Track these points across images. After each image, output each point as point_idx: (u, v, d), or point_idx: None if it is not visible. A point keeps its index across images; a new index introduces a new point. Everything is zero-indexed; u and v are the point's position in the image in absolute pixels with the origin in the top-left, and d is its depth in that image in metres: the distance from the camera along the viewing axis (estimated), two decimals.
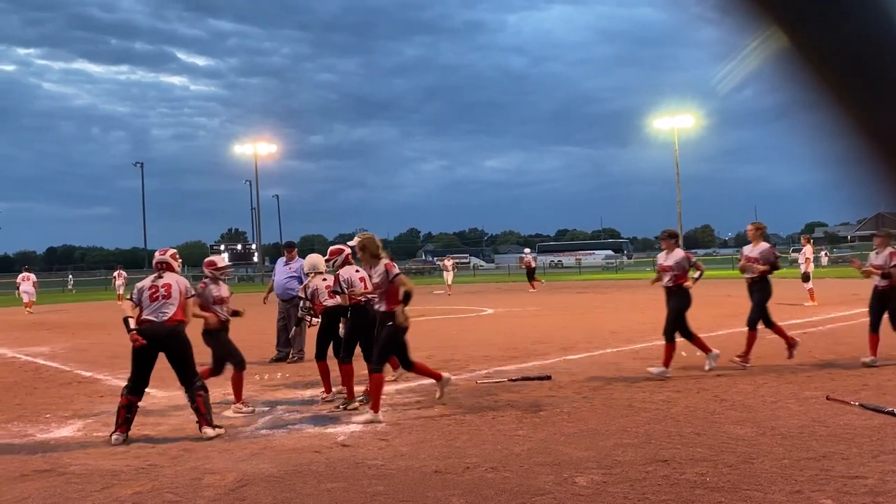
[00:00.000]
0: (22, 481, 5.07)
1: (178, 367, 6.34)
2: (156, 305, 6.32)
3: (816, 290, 17.87)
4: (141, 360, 6.28)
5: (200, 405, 6.26)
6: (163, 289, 6.36)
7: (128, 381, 6.35)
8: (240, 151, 61.18)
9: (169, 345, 6.30)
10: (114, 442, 6.08)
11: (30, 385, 9.45)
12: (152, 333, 6.22)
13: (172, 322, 6.32)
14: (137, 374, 6.30)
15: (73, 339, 15.78)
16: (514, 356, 10.43)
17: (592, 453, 5.27)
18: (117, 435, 6.14)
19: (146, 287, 6.42)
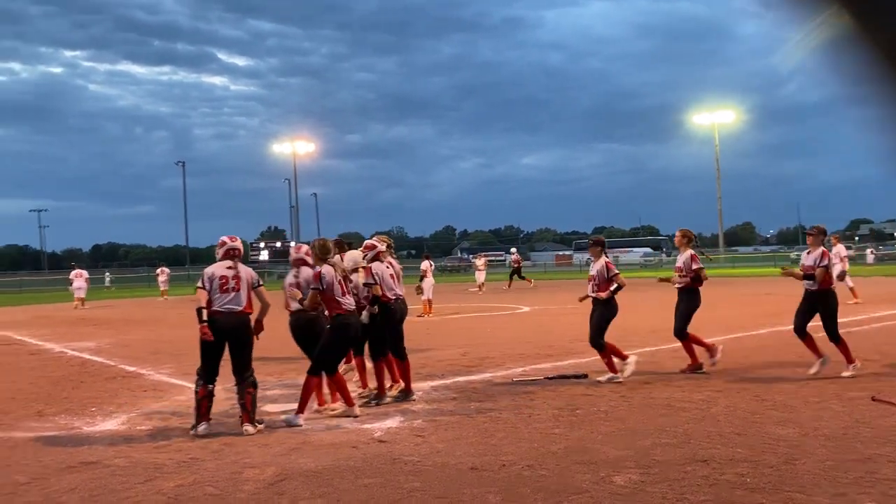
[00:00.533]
0: (69, 472, 5.21)
1: (237, 357, 6.42)
2: (226, 297, 6.39)
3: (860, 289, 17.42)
4: (210, 352, 6.37)
5: (248, 402, 6.33)
6: (233, 281, 6.43)
7: (199, 372, 6.40)
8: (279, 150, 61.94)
9: (236, 336, 6.38)
10: (201, 432, 6.18)
11: (76, 379, 9.69)
12: (221, 324, 6.31)
13: (242, 314, 6.43)
14: (208, 365, 6.38)
15: (117, 334, 16.14)
16: (549, 354, 10.38)
17: (630, 452, 5.22)
18: (204, 425, 6.25)
19: (217, 276, 6.43)
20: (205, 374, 6.36)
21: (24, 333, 17.03)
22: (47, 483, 4.97)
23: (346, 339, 6.79)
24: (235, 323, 6.36)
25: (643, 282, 33.65)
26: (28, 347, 14.11)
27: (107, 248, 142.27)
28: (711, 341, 8.70)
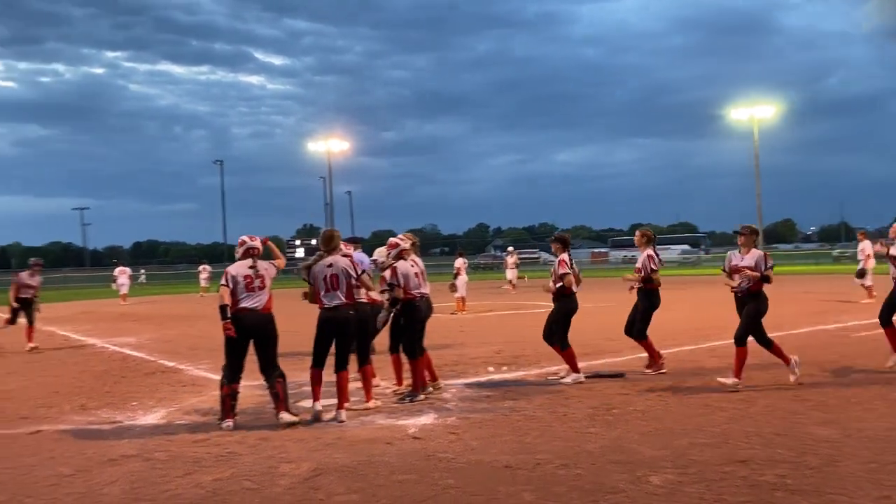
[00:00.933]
0: (111, 465, 5.32)
1: (264, 355, 6.56)
2: (252, 295, 6.51)
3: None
4: (235, 350, 6.51)
5: (280, 390, 6.46)
6: (257, 280, 6.56)
7: (224, 370, 6.57)
8: (314, 149, 62.37)
9: (262, 333, 6.52)
10: (224, 428, 6.33)
11: (118, 374, 9.90)
12: (248, 322, 6.44)
13: (266, 310, 6.55)
14: (233, 364, 6.53)
15: (157, 330, 16.45)
16: (585, 353, 10.30)
17: (667, 452, 5.16)
18: (228, 422, 6.40)
19: (240, 275, 6.55)
20: (229, 372, 6.51)
21: (68, 329, 17.44)
22: (90, 475, 5.09)
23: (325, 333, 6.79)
24: (260, 320, 6.49)
25: (681, 279, 33.24)
26: (71, 342, 14.46)
27: (147, 246, 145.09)
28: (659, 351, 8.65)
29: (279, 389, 6.45)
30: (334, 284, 6.67)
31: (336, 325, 6.68)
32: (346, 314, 6.69)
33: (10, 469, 5.30)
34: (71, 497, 4.61)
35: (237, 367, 6.52)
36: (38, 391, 8.70)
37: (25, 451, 5.81)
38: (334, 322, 6.67)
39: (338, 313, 6.65)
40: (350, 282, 6.74)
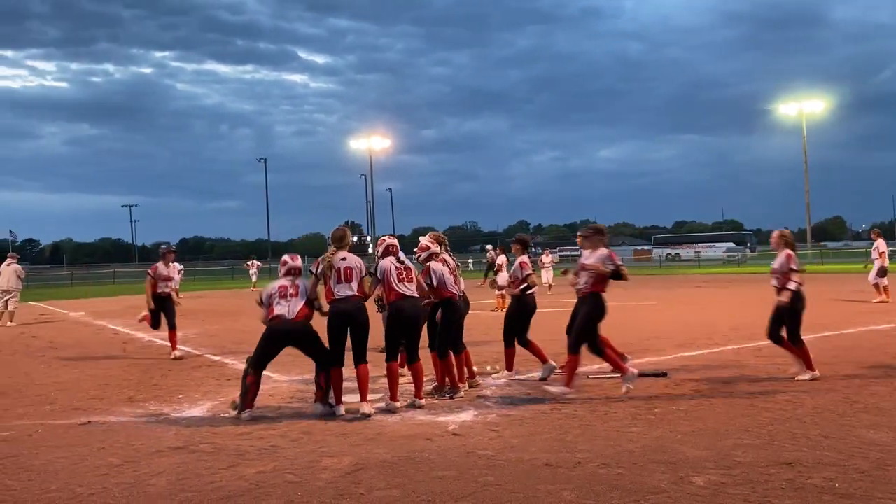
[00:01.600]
0: (158, 456, 5.45)
1: (312, 355, 6.82)
2: (284, 303, 6.72)
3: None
4: (271, 349, 6.77)
5: (321, 381, 6.73)
6: (291, 288, 6.79)
7: (251, 361, 6.78)
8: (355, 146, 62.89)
9: (298, 339, 6.74)
10: (244, 418, 6.55)
11: (164, 367, 10.13)
12: (282, 329, 6.66)
13: (300, 317, 6.70)
14: (262, 358, 6.77)
15: (202, 325, 16.76)
16: (627, 351, 10.18)
17: (711, 453, 5.09)
18: (248, 412, 6.64)
19: (276, 287, 6.85)
20: (256, 362, 6.72)
21: (118, 323, 17.89)
22: (138, 466, 5.22)
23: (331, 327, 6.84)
24: (294, 328, 6.67)
25: (725, 278, 32.66)
26: (121, 336, 14.82)
27: (193, 242, 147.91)
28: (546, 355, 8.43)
29: (321, 379, 6.75)
30: (347, 277, 6.78)
31: (347, 317, 6.70)
32: (358, 305, 6.76)
33: (63, 458, 5.47)
34: (120, 487, 4.74)
35: (265, 361, 6.78)
36: (90, 383, 8.95)
37: (77, 441, 5.99)
38: (345, 313, 6.69)
39: (348, 304, 6.72)
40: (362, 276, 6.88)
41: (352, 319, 6.70)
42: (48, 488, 4.76)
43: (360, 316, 6.73)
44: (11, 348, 12.97)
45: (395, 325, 6.94)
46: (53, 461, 5.40)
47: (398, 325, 6.93)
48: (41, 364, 10.82)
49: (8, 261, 18.13)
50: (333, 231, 7.09)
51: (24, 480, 4.95)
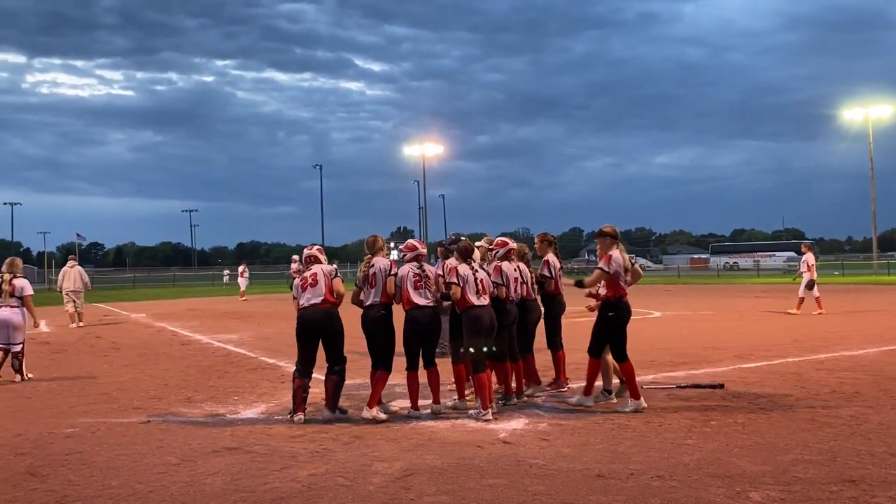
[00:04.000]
0: (213, 456, 5.57)
1: (328, 347, 6.96)
2: (307, 293, 6.96)
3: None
4: (305, 344, 6.97)
5: (329, 388, 6.93)
6: (310, 277, 6.99)
7: (297, 365, 7.00)
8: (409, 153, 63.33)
9: (325, 325, 6.89)
10: (296, 421, 6.69)
11: (221, 369, 10.35)
12: (310, 316, 6.90)
13: (325, 304, 6.91)
14: (304, 358, 6.97)
15: (258, 328, 17.07)
16: (683, 362, 10.01)
17: (769, 468, 4.95)
18: (299, 415, 6.77)
19: (299, 281, 7.12)
20: (301, 366, 6.94)
21: (177, 325, 18.36)
22: (195, 465, 5.34)
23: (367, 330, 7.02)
24: (321, 314, 6.88)
25: (786, 288, 31.74)
26: (180, 338, 15.21)
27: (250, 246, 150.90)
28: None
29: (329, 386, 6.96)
30: (371, 283, 6.92)
31: (366, 324, 6.94)
32: (377, 313, 6.87)
33: (124, 456, 5.63)
34: (177, 485, 4.85)
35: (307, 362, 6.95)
36: (149, 383, 9.20)
37: (137, 440, 6.16)
38: (366, 321, 6.95)
39: (370, 312, 6.91)
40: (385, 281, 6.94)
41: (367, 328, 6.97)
42: (109, 484, 4.90)
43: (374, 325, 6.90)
44: (77, 348, 13.43)
45: (411, 335, 6.92)
46: (114, 458, 5.56)
47: (414, 334, 6.92)
48: (104, 364, 11.17)
49: (70, 262, 18.77)
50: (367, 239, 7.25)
51: (86, 476, 5.11)
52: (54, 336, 15.92)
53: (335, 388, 6.92)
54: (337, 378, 6.93)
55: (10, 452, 5.80)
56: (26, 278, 10.22)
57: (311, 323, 6.92)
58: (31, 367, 10.03)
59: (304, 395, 6.89)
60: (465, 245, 7.14)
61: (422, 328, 6.90)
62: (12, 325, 9.61)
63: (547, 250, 8.26)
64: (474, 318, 6.79)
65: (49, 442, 6.14)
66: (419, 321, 6.87)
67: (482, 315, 6.82)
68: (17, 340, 9.62)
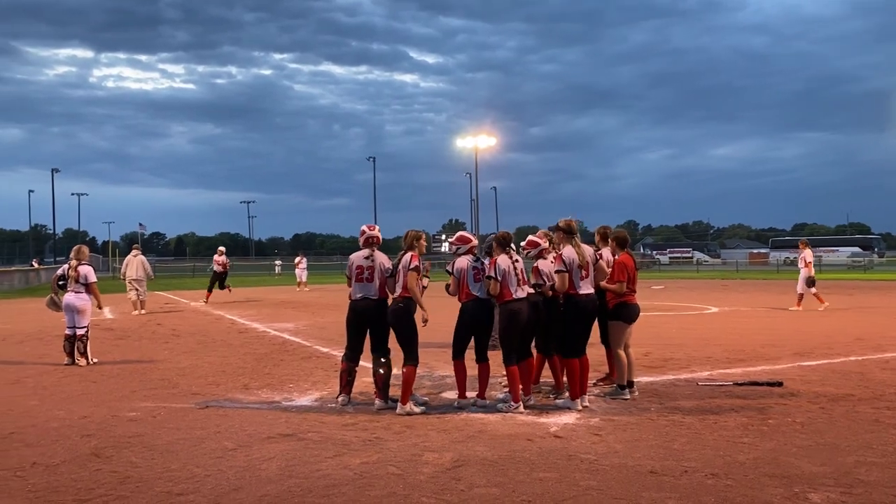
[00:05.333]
0: (269, 442, 5.68)
1: (374, 338, 7.13)
2: (360, 286, 7.13)
3: None
4: (355, 331, 7.20)
5: (378, 380, 7.03)
6: (367, 271, 7.11)
7: (346, 350, 7.24)
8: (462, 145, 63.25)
9: (374, 318, 7.07)
10: (340, 403, 7.00)
11: (277, 357, 10.55)
12: (361, 308, 7.09)
13: (379, 299, 7.08)
14: (349, 344, 7.21)
15: (313, 317, 17.33)
16: (740, 359, 9.79)
17: (829, 469, 4.80)
18: (343, 397, 7.08)
19: (354, 265, 7.19)
20: (348, 351, 7.18)
21: (234, 314, 18.77)
22: (250, 451, 5.46)
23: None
24: (372, 307, 7.04)
25: (850, 284, 30.70)
26: (238, 326, 15.54)
27: (305, 238, 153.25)
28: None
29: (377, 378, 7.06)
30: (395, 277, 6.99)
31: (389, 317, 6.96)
32: (395, 306, 6.91)
33: (183, 440, 5.80)
34: (233, 470, 4.97)
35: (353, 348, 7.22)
36: (208, 370, 9.44)
37: (195, 425, 6.33)
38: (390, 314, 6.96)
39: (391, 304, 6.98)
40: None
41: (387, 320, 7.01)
42: (168, 467, 5.05)
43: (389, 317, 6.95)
44: (138, 335, 13.86)
45: (465, 326, 6.93)
46: (174, 442, 5.73)
47: (468, 325, 6.92)
48: (165, 350, 11.50)
49: (133, 252, 19.37)
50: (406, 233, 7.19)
51: (147, 458, 5.28)
52: (118, 323, 16.45)
53: (384, 379, 7.00)
54: (385, 370, 7.00)
55: (76, 434, 6.03)
56: (91, 266, 10.61)
57: (363, 313, 7.08)
58: (96, 351, 10.39)
59: (348, 378, 7.16)
60: (504, 234, 7.15)
61: (478, 321, 6.90)
62: (77, 309, 9.99)
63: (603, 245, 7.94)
64: (513, 313, 6.78)
65: (113, 425, 6.36)
66: (473, 313, 6.87)
67: (521, 310, 6.81)
68: (81, 324, 9.99)
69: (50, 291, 10.83)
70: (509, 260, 6.85)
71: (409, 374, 6.79)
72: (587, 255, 6.99)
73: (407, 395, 6.76)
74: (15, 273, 39.95)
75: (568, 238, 7.05)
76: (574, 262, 6.86)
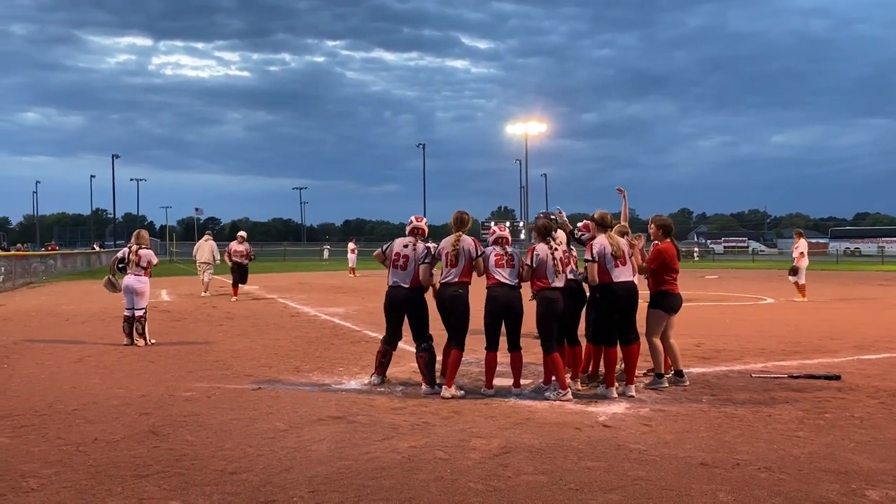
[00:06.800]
0: (319, 424, 5.78)
1: (412, 325, 7.24)
2: (396, 273, 7.23)
3: None
4: (390, 318, 7.38)
5: (421, 365, 7.10)
6: (402, 258, 7.20)
7: (385, 334, 7.46)
8: (512, 131, 62.83)
9: (408, 306, 7.19)
10: (373, 381, 7.30)
11: (327, 341, 10.70)
12: (394, 295, 7.24)
13: (412, 287, 7.17)
14: (388, 329, 7.41)
15: (363, 302, 17.52)
16: (796, 351, 9.55)
17: (889, 465, 4.66)
18: (375, 377, 7.36)
19: (393, 251, 7.28)
20: (387, 335, 7.43)
21: (287, 297, 19.11)
22: (301, 432, 5.56)
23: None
24: (405, 294, 7.16)
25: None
26: (290, 310, 15.82)
27: (355, 224, 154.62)
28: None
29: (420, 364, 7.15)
30: (453, 262, 6.98)
31: (442, 301, 6.99)
32: (455, 291, 6.91)
33: (236, 420, 5.93)
34: (284, 451, 5.07)
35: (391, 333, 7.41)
36: (260, 352, 9.63)
37: (248, 405, 6.47)
38: (443, 297, 6.99)
39: (447, 289, 6.98)
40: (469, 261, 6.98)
41: (446, 306, 7.01)
42: (222, 446, 5.18)
43: (455, 302, 6.92)
44: (194, 317, 14.22)
45: (488, 312, 6.90)
46: (227, 422, 5.87)
47: (490, 311, 6.88)
48: (219, 333, 11.78)
49: (205, 237, 20.72)
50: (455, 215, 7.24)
51: (202, 437, 5.42)
52: (174, 305, 16.91)
53: (426, 364, 7.05)
54: (426, 355, 7.07)
55: (135, 412, 6.23)
56: (151, 249, 10.92)
57: (396, 301, 7.23)
58: (154, 332, 10.71)
59: (382, 359, 7.40)
60: (543, 223, 7.11)
61: (501, 306, 6.85)
62: (136, 291, 10.29)
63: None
64: (549, 301, 6.77)
65: (170, 404, 6.55)
66: (493, 297, 6.88)
67: (557, 299, 6.80)
68: (140, 306, 10.29)
69: (107, 273, 11.20)
70: (547, 249, 6.86)
71: (455, 357, 6.85)
72: (622, 245, 6.98)
73: (451, 379, 6.83)
74: (77, 255, 41.40)
75: (601, 230, 7.09)
76: (605, 251, 6.86)
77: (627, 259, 6.97)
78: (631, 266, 7.00)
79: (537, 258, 6.82)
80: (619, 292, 6.88)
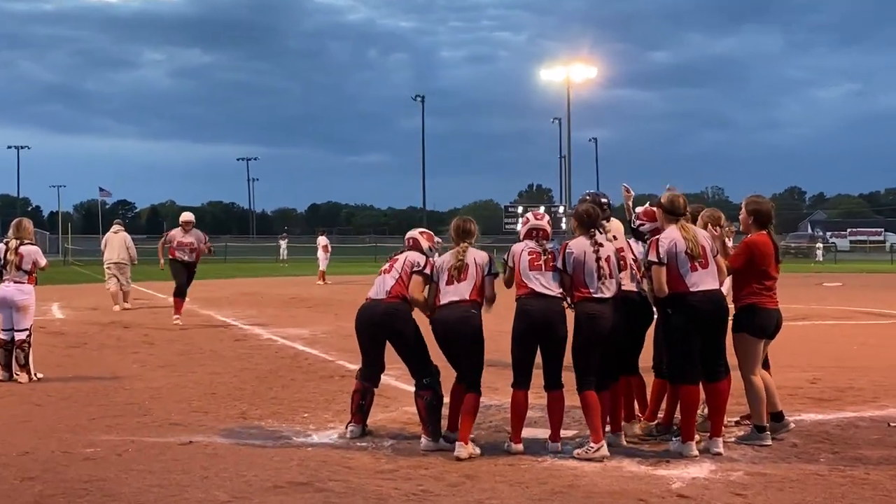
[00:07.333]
0: (275, 493, 5.80)
1: (400, 354, 7.32)
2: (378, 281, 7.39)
3: None
4: (365, 346, 7.51)
5: (421, 409, 7.10)
6: (387, 262, 7.37)
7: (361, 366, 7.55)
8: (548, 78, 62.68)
9: (386, 325, 7.23)
10: (350, 433, 7.27)
11: (286, 376, 10.74)
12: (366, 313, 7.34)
13: (390, 300, 7.21)
14: (366, 360, 7.50)
15: (336, 320, 17.47)
16: None
17: None
18: (353, 426, 7.33)
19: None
20: (363, 367, 7.60)
21: (228, 314, 19.16)
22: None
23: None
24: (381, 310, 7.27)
25: None
26: (232, 332, 15.87)
27: (325, 209, 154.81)
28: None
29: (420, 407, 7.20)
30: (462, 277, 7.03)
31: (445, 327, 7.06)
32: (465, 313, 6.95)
33: (159, 487, 5.95)
34: None
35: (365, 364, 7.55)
36: (193, 391, 9.67)
37: (176, 466, 6.49)
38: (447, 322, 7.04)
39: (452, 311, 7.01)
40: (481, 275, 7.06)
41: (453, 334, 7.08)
42: None
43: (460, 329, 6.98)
44: (98, 341, 14.26)
45: (516, 334, 6.92)
46: (146, 490, 5.89)
47: (519, 332, 6.89)
48: (133, 363, 11.83)
49: (115, 228, 20.14)
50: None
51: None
52: (71, 325, 16.96)
53: (427, 408, 7.05)
54: (429, 395, 7.08)
55: (14, 476, 6.25)
56: (38, 246, 10.86)
57: (367, 321, 7.34)
58: (41, 364, 10.72)
59: (361, 401, 7.39)
60: (586, 209, 7.10)
61: (528, 323, 6.84)
62: (16, 305, 10.27)
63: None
64: (588, 318, 6.79)
65: (63, 464, 6.57)
66: (530, 314, 6.83)
67: (601, 314, 6.79)
68: (22, 326, 10.28)
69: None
70: (588, 244, 6.85)
71: (471, 405, 6.86)
72: (701, 240, 6.93)
73: (466, 433, 6.81)
74: None
75: (671, 220, 7.05)
76: (677, 250, 6.82)
77: (710, 259, 6.94)
78: (715, 268, 6.96)
79: (571, 258, 6.82)
80: (700, 306, 6.83)
